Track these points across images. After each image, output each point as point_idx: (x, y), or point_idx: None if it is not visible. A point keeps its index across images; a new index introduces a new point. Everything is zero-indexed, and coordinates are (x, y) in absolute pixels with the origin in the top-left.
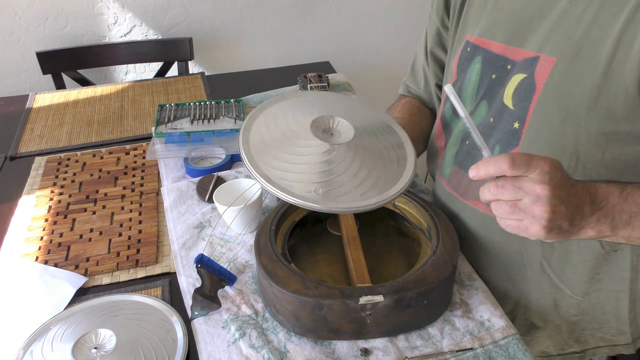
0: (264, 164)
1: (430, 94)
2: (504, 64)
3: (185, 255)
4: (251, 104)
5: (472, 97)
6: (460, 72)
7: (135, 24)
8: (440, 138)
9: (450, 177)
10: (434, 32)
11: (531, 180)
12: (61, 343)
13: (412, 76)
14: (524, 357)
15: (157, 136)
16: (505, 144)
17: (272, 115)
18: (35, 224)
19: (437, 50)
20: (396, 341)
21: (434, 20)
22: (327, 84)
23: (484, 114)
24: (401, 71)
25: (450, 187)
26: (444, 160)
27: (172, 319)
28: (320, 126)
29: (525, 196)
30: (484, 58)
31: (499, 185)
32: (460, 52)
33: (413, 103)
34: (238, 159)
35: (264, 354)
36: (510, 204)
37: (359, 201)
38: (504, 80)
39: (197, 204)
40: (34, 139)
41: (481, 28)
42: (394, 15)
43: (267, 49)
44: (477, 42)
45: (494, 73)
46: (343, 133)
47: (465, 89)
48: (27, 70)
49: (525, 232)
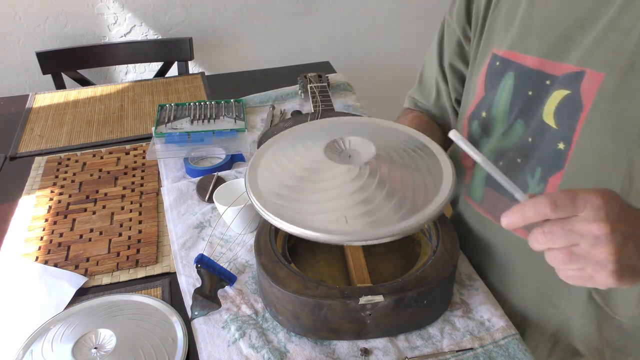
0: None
1: (442, 108)
2: (542, 79)
3: (185, 255)
4: (251, 104)
5: (505, 116)
6: (489, 89)
7: (135, 24)
8: (469, 157)
9: (484, 199)
10: (454, 43)
11: (583, 220)
12: (61, 343)
13: (420, 89)
14: (524, 357)
15: (157, 136)
16: (549, 165)
17: (281, 152)
18: (35, 224)
19: (458, 62)
20: (396, 341)
21: (453, 29)
22: (327, 84)
23: (520, 133)
24: (401, 71)
25: (483, 211)
26: (472, 180)
27: (172, 319)
28: (334, 151)
29: (581, 240)
30: (517, 73)
31: (546, 231)
32: (486, 66)
33: (421, 118)
34: (238, 158)
35: (264, 354)
36: (565, 252)
37: (395, 224)
38: (542, 97)
39: (197, 204)
40: (34, 139)
41: (511, 40)
42: (394, 15)
43: (267, 49)
44: (508, 56)
45: (530, 89)
46: (362, 151)
47: (497, 106)
48: (27, 70)
49: (591, 282)
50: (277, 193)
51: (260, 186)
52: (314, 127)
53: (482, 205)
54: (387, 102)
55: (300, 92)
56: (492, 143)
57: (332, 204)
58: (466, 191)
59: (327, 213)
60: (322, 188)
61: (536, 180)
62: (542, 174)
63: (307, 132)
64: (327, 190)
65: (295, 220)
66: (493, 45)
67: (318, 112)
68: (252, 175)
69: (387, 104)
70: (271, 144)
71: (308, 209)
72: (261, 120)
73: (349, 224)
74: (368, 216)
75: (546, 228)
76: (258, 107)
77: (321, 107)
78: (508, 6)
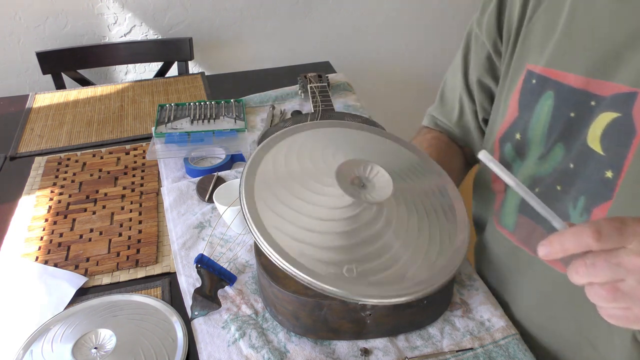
0: (274, 229)
1: (464, 128)
2: (586, 99)
3: (185, 255)
4: (251, 104)
5: (544, 138)
6: (525, 109)
7: (135, 24)
8: (499, 180)
9: (517, 228)
10: (484, 58)
11: (632, 253)
12: (61, 343)
13: (441, 107)
14: (524, 357)
15: (157, 136)
16: (593, 195)
17: (284, 154)
18: (35, 224)
19: (487, 79)
20: (396, 341)
21: (482, 43)
22: (327, 84)
23: (560, 158)
24: (401, 71)
25: (516, 240)
26: (503, 206)
27: (172, 319)
28: (348, 174)
29: (628, 275)
30: (558, 93)
31: (588, 264)
32: (521, 84)
33: (441, 139)
34: (238, 159)
35: (264, 354)
36: (609, 288)
37: (401, 283)
38: (586, 120)
39: (197, 204)
40: (34, 139)
41: (549, 56)
42: (394, 15)
43: (267, 49)
44: (546, 74)
45: (572, 111)
46: (379, 186)
47: (534, 128)
48: (27, 70)
49: (637, 323)
50: (277, 216)
51: (260, 212)
52: (327, 132)
53: (514, 233)
54: (387, 102)
55: (300, 92)
56: (527, 168)
57: (322, 235)
58: (496, 218)
59: (333, 256)
60: (317, 212)
61: (579, 211)
62: (585, 204)
63: (318, 138)
64: (332, 222)
65: (303, 267)
66: (528, 61)
67: (318, 112)
68: (248, 188)
69: (387, 104)
70: (273, 143)
71: (314, 252)
72: (261, 120)
73: (356, 276)
74: (379, 271)
75: (588, 260)
76: (258, 107)
77: (321, 107)
78: (546, 18)
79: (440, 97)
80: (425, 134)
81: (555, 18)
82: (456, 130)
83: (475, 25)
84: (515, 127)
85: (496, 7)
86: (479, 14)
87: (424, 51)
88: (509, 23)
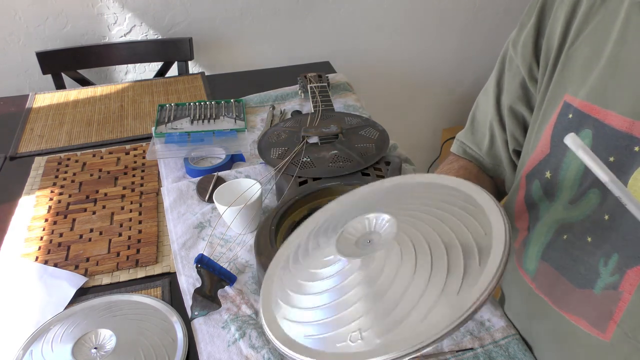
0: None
1: (495, 158)
2: (629, 144)
3: (185, 255)
4: (251, 104)
5: (577, 182)
6: (557, 146)
7: (135, 24)
8: (523, 218)
9: (538, 275)
10: (518, 84)
11: None
12: (61, 343)
13: (471, 133)
14: (524, 357)
15: (157, 136)
16: (629, 254)
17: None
18: (35, 224)
19: (520, 106)
20: None
21: (516, 67)
22: (327, 84)
23: (593, 206)
24: (401, 71)
25: (537, 288)
26: (526, 249)
27: (172, 319)
28: (351, 238)
29: None
30: (597, 132)
31: None
32: (555, 117)
33: (470, 169)
34: (238, 159)
35: (264, 354)
36: None
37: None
38: (628, 167)
39: (197, 204)
40: (34, 139)
41: (590, 89)
42: (394, 15)
43: (267, 49)
44: (585, 109)
45: (612, 155)
46: (383, 232)
47: (566, 169)
48: (27, 70)
49: None
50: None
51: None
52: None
53: (535, 280)
54: (387, 102)
55: (300, 92)
56: (555, 211)
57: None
58: (517, 258)
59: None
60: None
61: (610, 269)
62: (618, 263)
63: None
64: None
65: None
66: (567, 91)
67: (318, 112)
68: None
69: (387, 104)
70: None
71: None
72: (261, 120)
73: (364, 340)
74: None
75: None
76: (258, 107)
77: (321, 107)
78: (591, 43)
79: (471, 122)
80: (452, 162)
81: (602, 43)
82: (486, 160)
83: (511, 45)
84: (545, 165)
85: (534, 26)
86: (516, 32)
87: (424, 51)
88: (547, 46)
